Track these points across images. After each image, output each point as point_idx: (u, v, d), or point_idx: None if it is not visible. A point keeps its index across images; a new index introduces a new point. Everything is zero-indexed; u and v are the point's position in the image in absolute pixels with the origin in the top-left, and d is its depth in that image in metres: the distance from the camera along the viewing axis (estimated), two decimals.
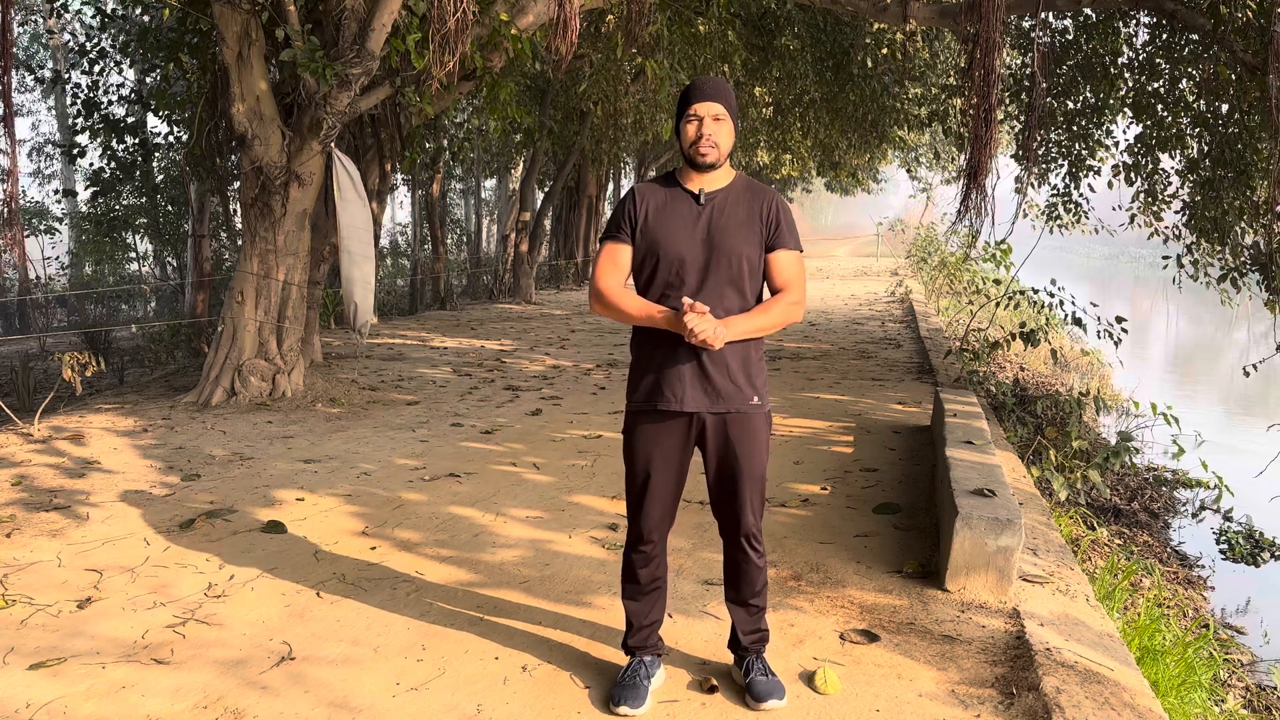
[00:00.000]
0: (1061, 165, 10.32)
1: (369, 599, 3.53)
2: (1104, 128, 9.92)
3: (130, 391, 7.79)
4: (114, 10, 10.99)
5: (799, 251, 2.75)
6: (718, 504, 2.79)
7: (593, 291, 2.72)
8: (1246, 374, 8.21)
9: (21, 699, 2.77)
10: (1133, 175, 9.62)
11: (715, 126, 2.64)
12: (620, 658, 3.03)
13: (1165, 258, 9.60)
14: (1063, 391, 10.98)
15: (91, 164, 12.32)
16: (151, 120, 13.62)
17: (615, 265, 2.71)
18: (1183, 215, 9.24)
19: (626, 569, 2.86)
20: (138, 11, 10.40)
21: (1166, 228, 9.80)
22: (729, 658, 3.01)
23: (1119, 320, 7.92)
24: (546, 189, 19.16)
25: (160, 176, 14.41)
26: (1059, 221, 10.48)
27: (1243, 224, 8.43)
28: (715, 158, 2.65)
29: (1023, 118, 9.93)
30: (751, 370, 2.70)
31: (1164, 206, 9.76)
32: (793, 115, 14.69)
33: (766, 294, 2.77)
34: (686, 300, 2.57)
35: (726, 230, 2.65)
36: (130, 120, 11.31)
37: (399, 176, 16.23)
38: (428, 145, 12.97)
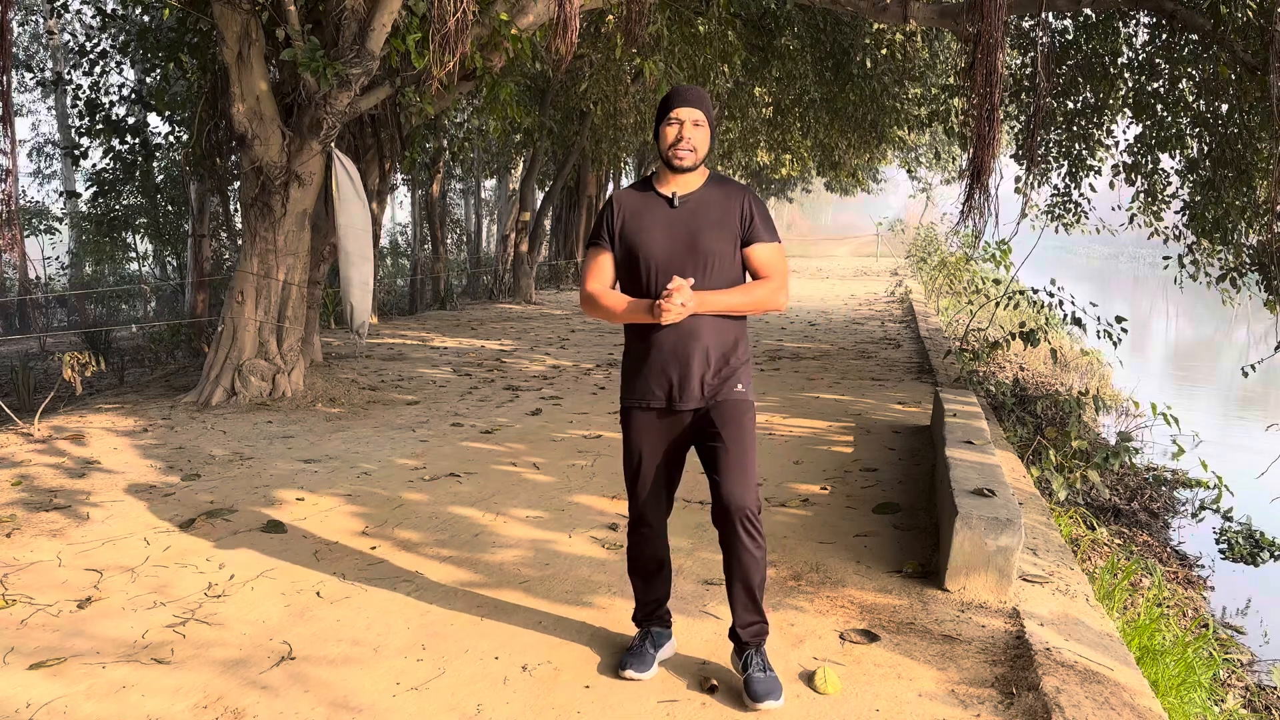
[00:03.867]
0: (1061, 165, 10.33)
1: (369, 599, 3.53)
2: (1104, 128, 9.93)
3: (130, 391, 7.80)
4: (114, 10, 10.98)
5: (777, 243, 2.85)
6: (713, 493, 2.81)
7: (582, 297, 2.89)
8: (1245, 374, 8.21)
9: (21, 699, 2.77)
10: (1133, 175, 9.63)
11: (694, 131, 2.74)
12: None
13: (1165, 258, 9.60)
14: (1062, 391, 10.98)
15: (93, 164, 12.32)
16: (152, 120, 13.63)
17: (599, 271, 2.86)
18: (1183, 215, 9.24)
19: (629, 549, 3.00)
20: (138, 11, 10.40)
21: (1167, 228, 9.80)
22: (729, 658, 3.01)
23: (1119, 320, 7.91)
24: (546, 189, 19.16)
25: (160, 176, 14.41)
26: (1060, 221, 10.49)
27: (1243, 224, 8.43)
28: (692, 161, 2.76)
29: (1023, 118, 9.94)
30: (734, 364, 2.81)
31: (1164, 206, 9.77)
32: (793, 115, 14.69)
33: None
34: (668, 288, 2.67)
35: (701, 230, 2.77)
36: (131, 120, 11.31)
37: (399, 176, 16.23)
38: (428, 145, 12.97)
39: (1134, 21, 9.17)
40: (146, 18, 10.54)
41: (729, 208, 2.79)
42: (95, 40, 10.71)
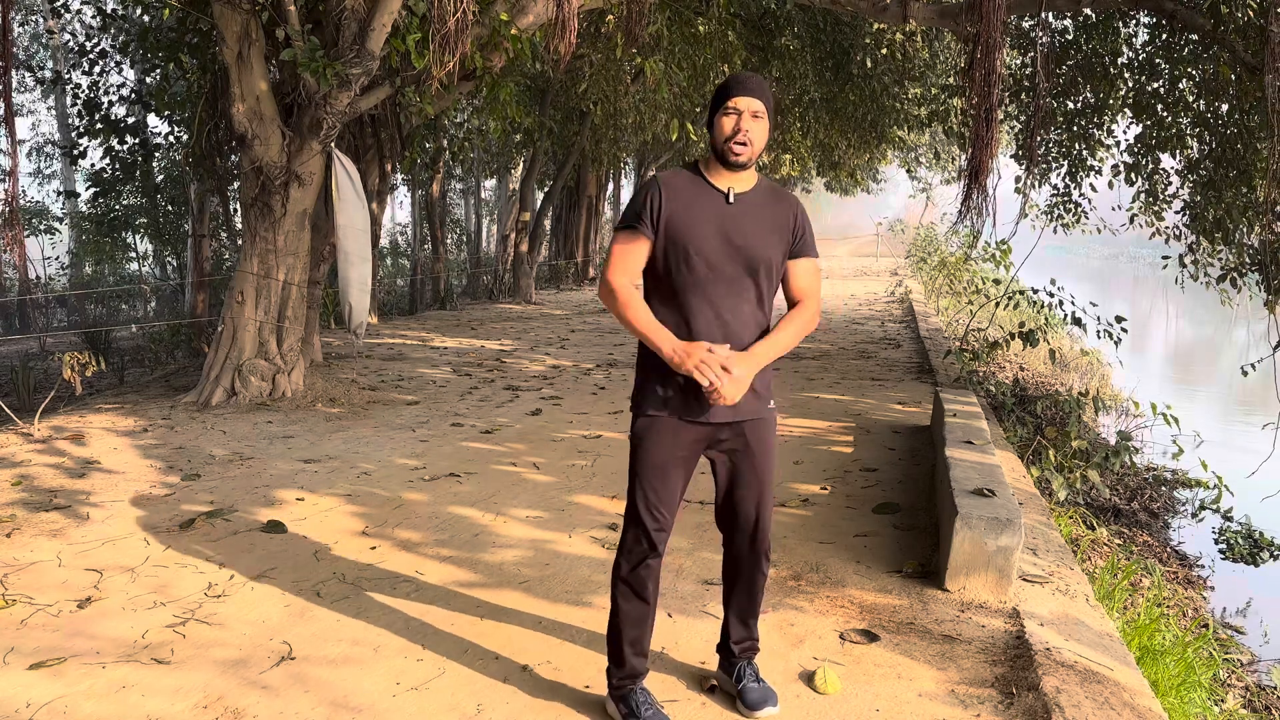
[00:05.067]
0: (1061, 165, 10.33)
1: (369, 599, 3.53)
2: (1104, 128, 9.93)
3: (130, 391, 7.79)
4: (114, 10, 10.99)
5: (817, 258, 2.72)
6: (733, 512, 2.70)
7: (603, 284, 2.59)
8: (1245, 374, 8.21)
9: (21, 699, 2.77)
10: (1133, 175, 9.63)
11: (753, 124, 2.51)
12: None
13: (1165, 258, 9.60)
14: (1062, 391, 10.98)
15: (93, 164, 12.33)
16: (152, 120, 13.65)
17: (629, 260, 2.57)
18: (1183, 215, 9.25)
19: (626, 586, 2.65)
20: (138, 11, 10.41)
21: (1167, 228, 9.81)
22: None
23: (1119, 320, 7.91)
24: (546, 189, 19.16)
25: (160, 176, 14.42)
26: (1060, 221, 10.49)
27: (1244, 224, 8.44)
28: (748, 157, 2.53)
29: (1023, 118, 9.94)
30: (764, 375, 2.64)
31: (1164, 206, 9.77)
32: (793, 115, 14.68)
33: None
34: (709, 347, 2.47)
35: (754, 234, 2.55)
36: (131, 120, 11.31)
37: (399, 176, 16.24)
38: (428, 145, 12.97)
39: (1134, 21, 9.18)
40: (146, 18, 10.53)
41: (782, 215, 2.60)
42: (95, 40, 10.72)
